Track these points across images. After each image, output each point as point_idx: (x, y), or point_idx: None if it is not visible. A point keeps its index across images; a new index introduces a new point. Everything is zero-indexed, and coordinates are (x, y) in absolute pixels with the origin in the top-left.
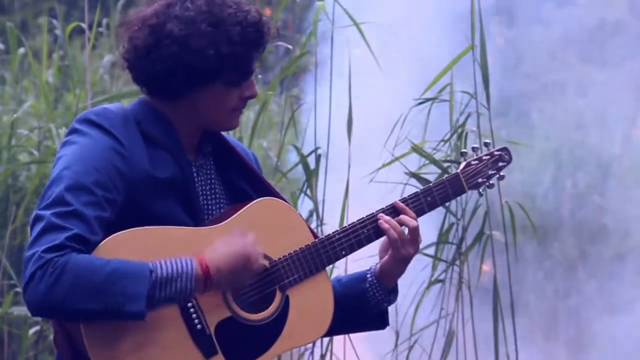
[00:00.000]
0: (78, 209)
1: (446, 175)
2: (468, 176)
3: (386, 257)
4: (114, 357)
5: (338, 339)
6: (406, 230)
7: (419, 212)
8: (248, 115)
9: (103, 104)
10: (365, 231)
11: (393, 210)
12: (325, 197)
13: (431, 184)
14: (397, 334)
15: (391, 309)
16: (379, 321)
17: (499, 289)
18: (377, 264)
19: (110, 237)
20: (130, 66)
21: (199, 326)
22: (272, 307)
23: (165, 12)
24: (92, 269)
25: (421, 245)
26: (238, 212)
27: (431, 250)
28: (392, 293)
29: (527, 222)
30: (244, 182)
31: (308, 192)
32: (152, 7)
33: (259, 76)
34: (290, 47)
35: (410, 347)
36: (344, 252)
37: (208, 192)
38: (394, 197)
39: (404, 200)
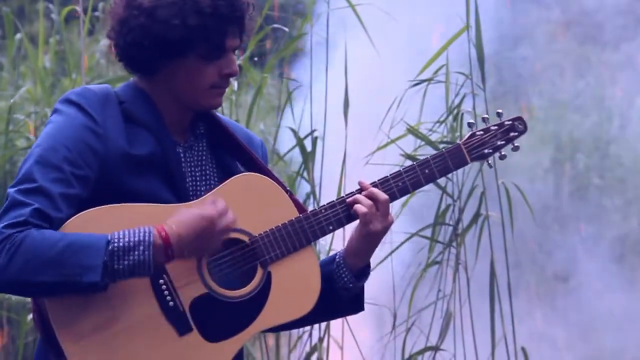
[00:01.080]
0: (42, 185)
1: (446, 147)
2: (471, 147)
3: (353, 232)
4: (80, 333)
5: (336, 322)
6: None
7: (416, 185)
8: (245, 98)
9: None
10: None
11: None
12: (322, 180)
13: (429, 156)
14: (395, 315)
15: (389, 290)
16: (352, 305)
17: (495, 270)
18: None
19: (79, 214)
20: (113, 44)
21: (171, 303)
22: (252, 283)
23: None
24: (48, 243)
25: (418, 227)
26: (216, 188)
27: (428, 232)
28: (360, 275)
29: (530, 207)
30: (238, 164)
31: (305, 174)
32: None
33: (255, 59)
34: (286, 29)
35: (408, 329)
36: (331, 227)
37: (198, 173)
38: None
39: (398, 174)
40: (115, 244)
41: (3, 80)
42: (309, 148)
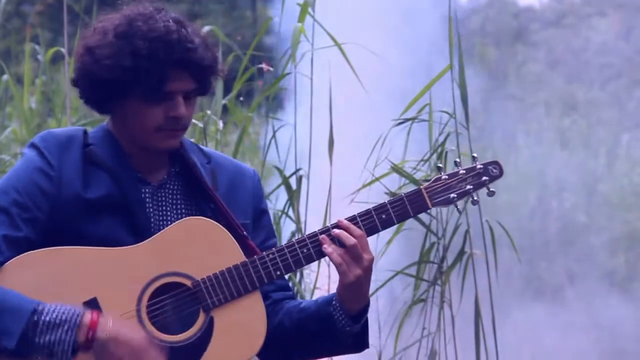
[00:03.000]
0: None
1: (408, 191)
2: (434, 192)
3: (338, 284)
4: None
5: None
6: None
7: (372, 230)
8: (232, 137)
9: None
10: (305, 250)
11: (338, 229)
12: (307, 218)
13: (388, 200)
14: (380, 354)
15: (374, 328)
16: (355, 344)
17: (480, 309)
18: None
19: (17, 257)
20: (72, 83)
21: None
22: (193, 328)
23: (95, 26)
24: None
25: (403, 265)
26: (161, 231)
27: (413, 270)
28: (357, 317)
29: (517, 242)
30: (206, 206)
31: (290, 212)
32: None
33: (241, 99)
34: (271, 68)
35: None
36: (278, 272)
37: (169, 213)
38: None
39: (352, 218)
40: (42, 317)
41: None
42: (294, 186)
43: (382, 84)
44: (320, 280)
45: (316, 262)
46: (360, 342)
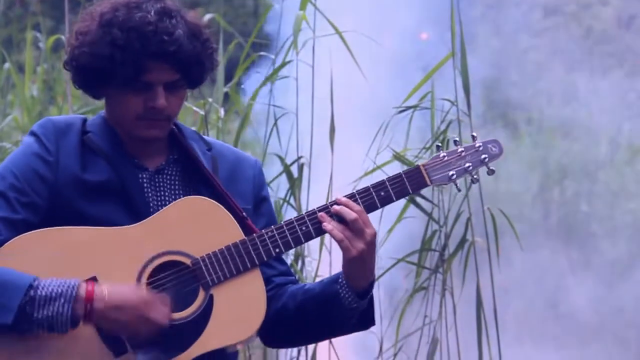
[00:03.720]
0: None
1: (406, 168)
2: (433, 169)
3: (343, 261)
4: (13, 352)
5: (322, 347)
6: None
7: (370, 207)
8: (233, 125)
9: (85, 115)
10: (304, 228)
11: (336, 205)
12: (308, 206)
13: (387, 177)
14: (382, 341)
15: (375, 316)
16: (362, 321)
17: (482, 297)
18: None
19: (16, 237)
20: None
21: None
22: (193, 306)
23: (87, 10)
24: None
25: (404, 253)
26: (160, 211)
27: (414, 258)
28: (363, 294)
29: (518, 230)
30: (205, 190)
31: (292, 201)
32: None
33: (242, 86)
34: (272, 56)
35: (395, 355)
36: (277, 250)
37: (167, 198)
38: None
39: (351, 195)
40: (38, 292)
41: None
42: (295, 174)
43: (383, 72)
44: (321, 269)
45: (318, 251)
46: (366, 320)
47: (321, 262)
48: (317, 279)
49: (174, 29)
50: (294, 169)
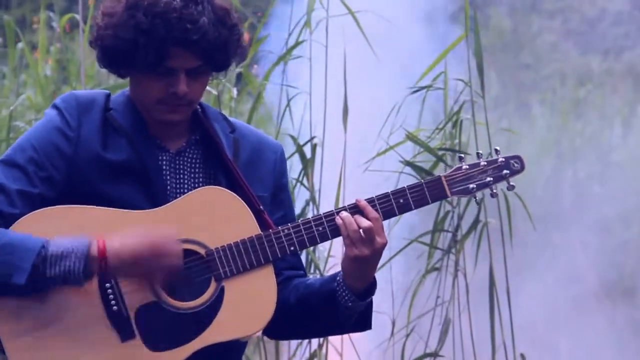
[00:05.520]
0: (1, 181)
1: (427, 178)
2: (453, 181)
3: (343, 257)
4: (20, 330)
5: None
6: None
7: (388, 214)
8: (246, 106)
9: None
10: (321, 228)
11: (355, 209)
12: (321, 186)
13: (407, 185)
14: (394, 322)
15: (387, 297)
16: (358, 323)
17: (494, 278)
18: None
19: (32, 212)
20: None
21: (115, 307)
22: (204, 296)
23: None
24: None
25: (417, 233)
26: (178, 198)
27: (427, 239)
28: (362, 295)
29: (531, 212)
30: (224, 176)
31: (304, 181)
32: None
33: (255, 66)
34: (285, 36)
35: (407, 335)
36: (292, 248)
37: (186, 181)
38: (389, 186)
39: (371, 200)
40: (50, 250)
41: (4, 88)
42: (308, 155)
43: (396, 52)
44: (334, 249)
45: None
46: (363, 322)
47: (333, 242)
48: (329, 260)
49: (199, 16)
50: (307, 150)
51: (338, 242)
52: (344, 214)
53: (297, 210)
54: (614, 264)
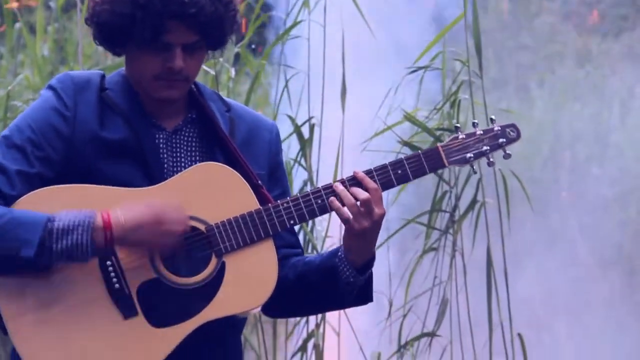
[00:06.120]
0: (1, 162)
1: (425, 149)
2: (450, 150)
3: (344, 232)
4: (22, 309)
5: None
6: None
7: (387, 185)
8: (244, 87)
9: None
10: (320, 201)
11: (353, 181)
12: (319, 166)
13: (405, 156)
14: (391, 302)
15: (384, 277)
16: (359, 297)
17: (492, 258)
18: None
19: (32, 192)
20: None
21: (117, 285)
22: (204, 272)
23: None
24: None
25: (414, 214)
26: (176, 175)
27: (424, 219)
28: (364, 268)
29: (529, 193)
30: (221, 153)
31: (302, 161)
32: None
33: (253, 47)
34: (283, 16)
35: (404, 315)
36: (292, 222)
37: (183, 159)
38: None
39: (369, 172)
40: (55, 224)
41: (2, 68)
42: (306, 135)
43: (394, 32)
44: (332, 229)
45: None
46: (363, 296)
47: (331, 222)
48: (327, 240)
49: None
50: (305, 130)
51: (335, 222)
52: (340, 187)
53: (295, 190)
54: (612, 244)
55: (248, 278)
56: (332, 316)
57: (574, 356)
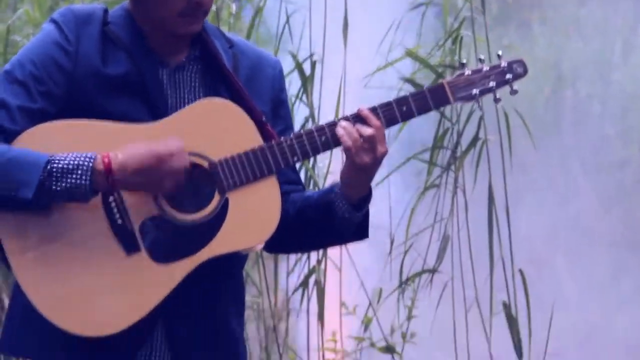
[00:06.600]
0: (2, 97)
1: (430, 84)
2: (456, 86)
3: (343, 164)
4: (25, 245)
5: None
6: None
7: (391, 121)
8: (245, 25)
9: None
10: (323, 138)
11: (357, 118)
12: (321, 103)
13: (410, 93)
14: (392, 238)
15: (386, 213)
16: (355, 233)
17: (494, 195)
18: None
19: (34, 127)
20: None
21: (119, 221)
22: (208, 208)
23: None
24: None
25: (415, 150)
26: (179, 110)
27: (426, 156)
28: (360, 204)
29: (530, 129)
30: (225, 89)
31: (304, 98)
32: None
33: None
34: None
35: (406, 252)
36: (295, 158)
37: (187, 95)
38: None
39: (373, 108)
40: (55, 165)
41: (2, 2)
42: (307, 72)
43: None
44: (333, 165)
45: None
46: (360, 232)
47: (332, 159)
48: (329, 177)
49: None
50: (307, 66)
51: (337, 159)
52: (345, 122)
53: (297, 127)
54: (614, 181)
55: (251, 215)
56: (333, 252)
57: (575, 292)
